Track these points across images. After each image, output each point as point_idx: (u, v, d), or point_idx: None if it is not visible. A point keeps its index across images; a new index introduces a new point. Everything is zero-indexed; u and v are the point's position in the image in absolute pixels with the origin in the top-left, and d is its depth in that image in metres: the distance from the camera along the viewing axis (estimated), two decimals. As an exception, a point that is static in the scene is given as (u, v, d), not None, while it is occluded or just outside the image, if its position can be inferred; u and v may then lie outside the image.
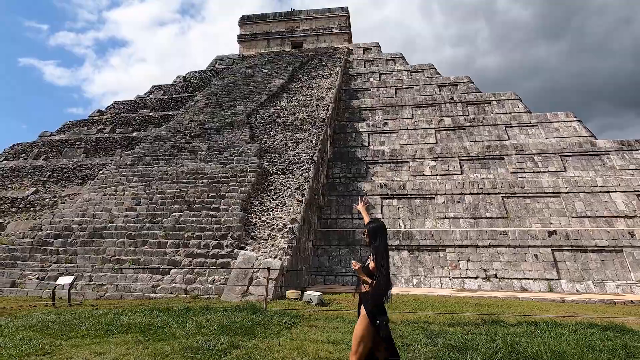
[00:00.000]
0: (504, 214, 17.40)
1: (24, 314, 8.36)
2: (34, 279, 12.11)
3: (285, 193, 16.14)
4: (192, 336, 6.12)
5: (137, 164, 19.14)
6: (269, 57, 38.85)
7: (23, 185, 25.66)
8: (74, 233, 14.08)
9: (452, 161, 21.06)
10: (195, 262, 12.21)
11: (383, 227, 3.98)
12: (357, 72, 33.83)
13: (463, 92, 28.33)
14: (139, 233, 13.70)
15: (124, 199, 15.93)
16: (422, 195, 18.79)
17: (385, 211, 18.62)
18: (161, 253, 12.73)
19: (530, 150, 20.63)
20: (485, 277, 14.84)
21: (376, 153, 22.25)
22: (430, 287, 14.87)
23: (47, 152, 28.47)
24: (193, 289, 11.15)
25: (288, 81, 30.75)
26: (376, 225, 3.97)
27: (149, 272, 12.00)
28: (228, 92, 29.01)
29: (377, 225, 3.98)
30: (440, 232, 16.20)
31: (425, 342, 6.07)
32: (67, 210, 15.71)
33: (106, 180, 17.81)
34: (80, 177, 25.31)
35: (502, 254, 15.24)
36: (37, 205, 23.12)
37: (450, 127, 24.03)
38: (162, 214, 14.72)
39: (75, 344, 5.72)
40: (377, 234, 3.91)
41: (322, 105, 25.33)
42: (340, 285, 15.05)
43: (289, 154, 19.43)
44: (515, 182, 18.40)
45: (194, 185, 16.37)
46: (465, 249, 15.62)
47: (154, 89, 37.68)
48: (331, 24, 44.49)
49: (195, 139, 21.42)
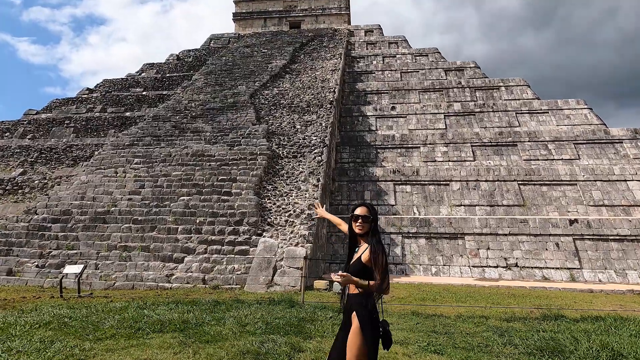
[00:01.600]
0: (521, 202, 17.00)
1: (31, 308, 7.44)
2: (33, 267, 11.10)
3: (299, 177, 15.32)
4: (241, 336, 5.36)
5: (136, 144, 17.96)
6: (267, 37, 37.32)
7: (9, 166, 24.11)
8: (73, 217, 13.01)
9: (464, 147, 20.50)
10: (210, 249, 11.37)
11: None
12: (359, 55, 32.76)
13: (470, 77, 27.66)
14: (146, 218, 12.73)
15: (126, 181, 14.86)
16: (437, 182, 18.22)
17: (398, 197, 18.01)
18: (172, 239, 11.83)
19: (544, 138, 20.22)
20: (505, 266, 14.45)
21: (386, 138, 21.51)
22: (449, 275, 14.42)
23: (34, 132, 26.82)
24: (212, 278, 10.34)
25: (290, 62, 29.53)
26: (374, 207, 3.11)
27: (160, 259, 11.12)
28: (228, 72, 27.67)
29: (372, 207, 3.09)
30: (459, 220, 15.69)
31: (501, 341, 5.46)
32: (64, 193, 14.57)
33: (104, 162, 16.64)
34: (71, 158, 23.89)
35: (522, 243, 14.85)
36: (25, 187, 21.73)
37: (459, 112, 23.41)
38: (169, 197, 13.75)
39: (108, 347, 4.90)
40: (377, 218, 3.08)
41: (328, 87, 24.35)
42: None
43: (299, 136, 18.53)
44: (531, 170, 17.98)
45: (201, 168, 15.38)
46: (484, 237, 15.17)
47: (146, 67, 35.89)
48: (331, 5, 42.93)
49: (198, 119, 20.26)
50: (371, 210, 2.99)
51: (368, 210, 2.98)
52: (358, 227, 2.95)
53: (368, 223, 2.95)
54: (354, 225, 2.97)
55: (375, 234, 2.94)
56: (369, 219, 2.95)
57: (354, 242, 3.04)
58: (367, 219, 2.95)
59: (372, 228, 2.95)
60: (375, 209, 3.13)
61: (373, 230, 2.94)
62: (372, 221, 2.96)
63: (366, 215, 2.96)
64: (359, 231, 2.96)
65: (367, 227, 2.95)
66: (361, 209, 3.00)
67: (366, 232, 2.94)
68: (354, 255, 2.94)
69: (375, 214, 3.03)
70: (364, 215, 2.96)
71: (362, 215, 2.96)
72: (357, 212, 3.00)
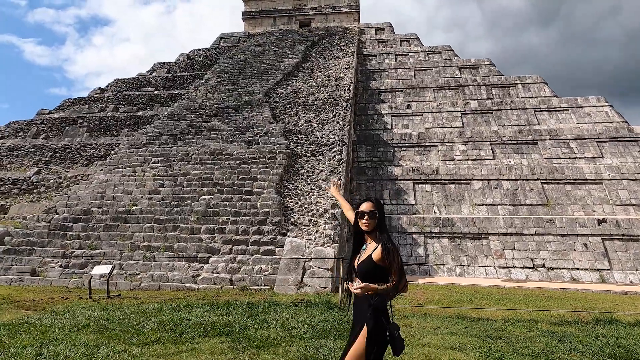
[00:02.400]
0: (545, 201, 16.64)
1: (63, 310, 7.25)
2: (56, 267, 10.94)
3: (319, 176, 15.08)
4: (292, 341, 5.12)
5: (153, 143, 17.81)
6: (278, 35, 37.13)
7: (23, 165, 24.11)
8: (94, 217, 12.86)
9: (483, 146, 20.15)
10: (235, 249, 11.15)
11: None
12: (371, 53, 32.47)
13: (485, 74, 27.26)
14: (167, 217, 12.55)
15: (145, 180, 14.69)
16: (457, 181, 17.90)
17: (418, 197, 17.71)
18: (196, 239, 11.63)
19: (565, 136, 19.82)
20: (532, 266, 14.12)
21: (402, 136, 21.21)
22: (474, 276, 14.11)
23: (47, 131, 26.82)
24: (239, 279, 10.12)
25: (302, 60, 29.30)
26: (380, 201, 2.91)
27: (185, 260, 10.92)
28: (240, 70, 27.49)
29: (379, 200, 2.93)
30: (483, 220, 15.38)
31: (564, 348, 5.18)
32: (83, 192, 14.43)
33: (122, 161, 16.49)
34: (85, 157, 23.84)
35: (549, 243, 14.51)
36: (40, 187, 21.71)
37: (476, 110, 23.06)
38: (189, 196, 13.56)
39: (157, 352, 4.68)
40: (384, 213, 2.90)
41: (343, 85, 24.08)
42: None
43: (316, 135, 18.29)
44: (554, 168, 17.61)
45: (220, 167, 15.18)
46: (510, 237, 14.84)
47: (156, 67, 35.88)
48: (340, 3, 42.68)
49: (213, 117, 20.09)
50: (376, 205, 2.84)
51: (373, 205, 2.81)
52: (364, 224, 2.78)
53: (374, 219, 2.78)
54: (360, 222, 2.80)
55: (383, 230, 2.78)
56: (375, 215, 2.78)
57: (359, 239, 2.88)
58: (373, 215, 2.77)
59: (380, 224, 2.80)
60: (381, 203, 2.95)
61: (380, 227, 2.79)
62: (379, 217, 2.80)
63: (372, 211, 2.78)
64: (366, 228, 2.78)
65: (374, 223, 2.78)
66: (366, 204, 2.83)
67: (373, 229, 2.78)
68: (362, 253, 2.76)
69: (382, 208, 2.88)
70: (369, 211, 2.78)
71: (367, 212, 2.78)
72: (362, 207, 2.83)
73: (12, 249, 11.72)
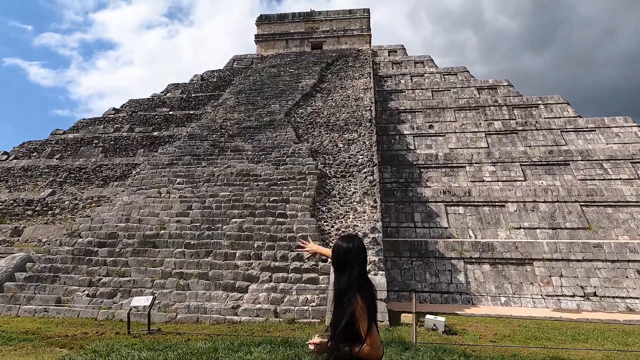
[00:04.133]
0: (586, 225, 15.90)
1: (105, 349, 6.46)
2: (83, 296, 10.15)
3: (352, 198, 14.43)
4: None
5: (176, 163, 17.27)
6: (291, 57, 37.32)
7: (37, 186, 23.55)
8: (121, 241, 12.14)
9: (513, 166, 19.58)
10: (275, 277, 10.38)
11: (361, 248, 2.45)
12: (386, 74, 32.47)
13: (504, 95, 27.01)
14: (199, 242, 11.83)
15: (172, 202, 14.05)
16: (491, 203, 17.22)
17: (451, 219, 16.98)
18: (231, 266, 10.87)
19: (598, 156, 19.26)
20: (583, 295, 13.24)
21: (428, 157, 20.68)
22: (521, 306, 13.21)
23: (62, 151, 26.41)
24: (284, 310, 9.31)
25: (318, 81, 29.21)
26: (349, 246, 2.43)
27: (222, 289, 10.13)
28: (258, 91, 27.31)
29: (350, 245, 2.43)
30: (525, 244, 14.60)
31: None
32: (107, 215, 13.76)
33: (145, 182, 15.90)
34: (101, 177, 23.27)
35: (598, 270, 13.68)
36: (55, 208, 21.05)
37: (501, 130, 22.62)
38: (220, 219, 12.87)
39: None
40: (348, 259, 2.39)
41: (363, 106, 23.79)
42: (422, 304, 13.28)
43: (343, 155, 17.76)
44: (593, 190, 16.95)
45: (249, 188, 14.56)
46: (555, 262, 14.03)
47: (170, 88, 35.94)
48: (352, 26, 43.28)
49: (236, 137, 19.64)
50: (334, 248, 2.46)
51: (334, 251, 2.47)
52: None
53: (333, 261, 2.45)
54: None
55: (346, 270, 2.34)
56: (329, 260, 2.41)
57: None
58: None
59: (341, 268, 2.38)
60: (344, 247, 2.43)
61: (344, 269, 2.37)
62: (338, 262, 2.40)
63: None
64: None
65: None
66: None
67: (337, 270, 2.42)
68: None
69: (337, 253, 2.43)
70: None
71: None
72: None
73: (34, 276, 10.96)
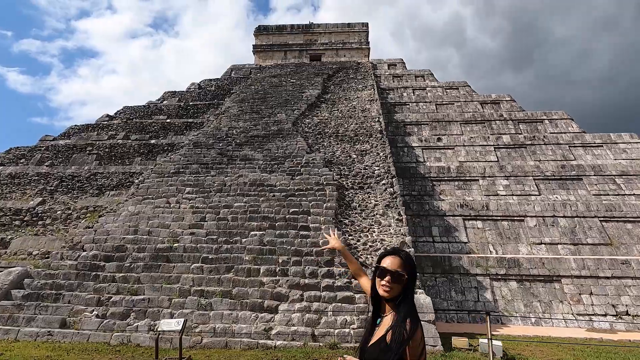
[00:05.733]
0: (607, 240, 15.59)
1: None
2: (92, 317, 9.05)
3: (375, 210, 13.75)
4: None
5: (183, 172, 16.30)
6: (291, 68, 36.97)
7: (25, 194, 22.09)
8: (130, 255, 11.08)
9: (526, 180, 19.31)
10: (307, 296, 9.51)
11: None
12: (388, 87, 32.37)
13: (507, 110, 27.10)
14: (217, 256, 10.88)
15: (183, 213, 13.07)
16: (510, 217, 16.80)
17: (470, 234, 16.45)
18: (256, 283, 9.96)
19: (610, 172, 19.20)
20: (615, 314, 12.77)
21: (440, 169, 20.28)
22: (553, 325, 12.63)
23: (52, 158, 25.03)
24: (323, 334, 8.43)
25: (322, 92, 28.80)
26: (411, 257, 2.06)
27: (249, 308, 9.19)
28: (261, 100, 26.65)
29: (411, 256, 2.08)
30: (552, 260, 14.12)
31: None
32: (112, 226, 12.67)
33: (151, 191, 14.87)
34: (96, 186, 22.03)
35: (629, 287, 13.28)
36: (46, 218, 19.67)
37: (509, 144, 22.49)
38: (238, 232, 11.96)
39: None
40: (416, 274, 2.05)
41: (371, 117, 23.37)
42: (449, 323, 12.56)
43: (357, 166, 17.15)
44: (612, 205, 16.75)
45: (266, 199, 13.72)
46: (584, 280, 13.57)
47: (167, 96, 35.04)
48: (351, 39, 43.43)
49: (244, 146, 18.82)
50: (406, 262, 2.01)
51: (402, 263, 2.00)
52: (384, 287, 1.98)
53: (400, 284, 1.97)
54: (378, 284, 2.01)
55: (407, 300, 1.94)
56: (402, 278, 1.98)
57: (377, 307, 2.08)
58: (399, 278, 1.97)
59: (407, 291, 1.97)
60: (413, 259, 2.03)
61: (406, 295, 1.96)
62: (408, 281, 1.98)
63: (399, 272, 1.97)
64: (385, 294, 1.98)
65: (398, 289, 1.97)
66: (391, 259, 2.02)
67: (395, 296, 1.95)
68: (376, 329, 1.98)
69: (414, 268, 2.03)
70: (395, 272, 1.97)
71: (392, 272, 1.98)
72: (385, 263, 2.02)
73: (33, 294, 9.78)
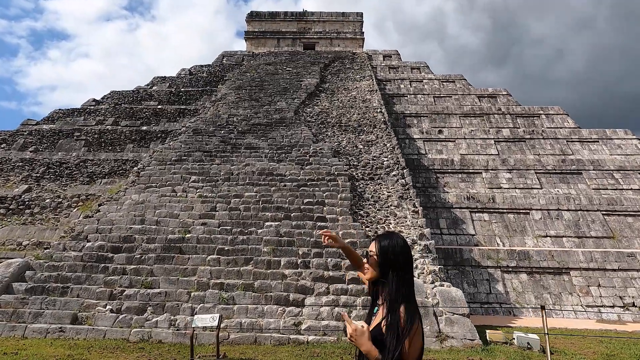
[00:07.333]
0: (609, 234, 15.88)
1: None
2: (106, 312, 8.45)
3: (389, 202, 13.49)
4: None
5: (185, 160, 15.59)
6: (286, 56, 36.13)
7: (9, 181, 20.84)
8: (139, 246, 10.45)
9: (528, 174, 19.48)
10: (333, 289, 9.17)
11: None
12: (385, 78, 32.06)
13: (504, 104, 27.31)
14: (234, 247, 10.40)
15: (191, 202, 12.46)
16: (516, 210, 16.89)
17: (477, 227, 16.46)
18: (278, 275, 9.55)
19: (608, 167, 19.57)
20: (622, 305, 13.03)
21: (444, 162, 20.22)
22: (563, 317, 12.78)
23: (36, 143, 23.70)
24: (355, 328, 8.14)
25: (320, 81, 28.24)
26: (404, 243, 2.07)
27: (274, 302, 8.79)
28: (259, 88, 25.90)
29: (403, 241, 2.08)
30: (561, 253, 14.27)
31: None
32: (116, 215, 11.95)
33: (154, 179, 14.14)
34: (86, 174, 20.97)
35: (634, 279, 13.55)
36: (34, 207, 18.58)
37: (509, 138, 22.65)
38: (252, 222, 11.48)
39: None
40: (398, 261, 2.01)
41: (373, 107, 23.06)
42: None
43: (365, 156, 16.84)
44: (613, 199, 17.06)
45: (277, 189, 13.24)
46: (592, 272, 13.77)
47: (156, 81, 33.73)
48: (345, 29, 42.82)
49: (247, 134, 18.19)
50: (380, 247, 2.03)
51: (377, 246, 2.04)
52: (365, 269, 2.11)
53: (375, 267, 2.03)
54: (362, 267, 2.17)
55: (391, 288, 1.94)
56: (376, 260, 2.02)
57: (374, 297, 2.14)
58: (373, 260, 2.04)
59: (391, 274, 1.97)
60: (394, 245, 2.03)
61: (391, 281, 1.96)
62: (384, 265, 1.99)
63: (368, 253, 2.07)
64: (365, 276, 2.11)
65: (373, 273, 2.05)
66: (373, 243, 2.11)
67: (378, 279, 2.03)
68: (372, 317, 2.04)
69: (387, 252, 2.01)
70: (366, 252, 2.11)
71: (367, 252, 2.10)
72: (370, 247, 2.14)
73: (37, 287, 9.08)
